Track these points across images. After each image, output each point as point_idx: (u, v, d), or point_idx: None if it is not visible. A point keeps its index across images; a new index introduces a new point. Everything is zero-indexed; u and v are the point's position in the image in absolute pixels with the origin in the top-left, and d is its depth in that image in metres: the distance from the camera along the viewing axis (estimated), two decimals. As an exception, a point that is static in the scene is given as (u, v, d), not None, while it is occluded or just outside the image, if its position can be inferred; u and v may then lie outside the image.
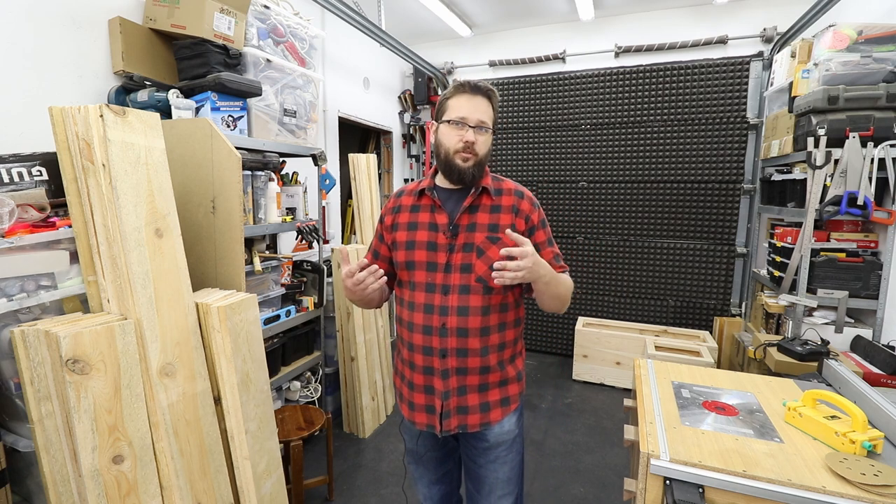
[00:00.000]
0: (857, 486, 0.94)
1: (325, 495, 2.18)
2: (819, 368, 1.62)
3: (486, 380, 1.21)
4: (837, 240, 2.31)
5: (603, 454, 2.56)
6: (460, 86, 1.18)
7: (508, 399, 1.24)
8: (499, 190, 1.23)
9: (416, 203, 1.25)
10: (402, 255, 1.23)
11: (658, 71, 3.56)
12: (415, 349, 1.21)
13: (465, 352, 1.17)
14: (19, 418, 1.32)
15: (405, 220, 1.25)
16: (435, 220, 1.21)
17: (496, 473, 1.26)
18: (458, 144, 1.15)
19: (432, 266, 1.19)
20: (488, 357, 1.19)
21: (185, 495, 1.33)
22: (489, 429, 1.23)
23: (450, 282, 1.17)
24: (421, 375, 1.21)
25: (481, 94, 1.18)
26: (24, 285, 1.29)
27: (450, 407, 1.20)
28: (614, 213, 3.81)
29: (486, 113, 1.17)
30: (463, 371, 1.18)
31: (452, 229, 1.18)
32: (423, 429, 1.24)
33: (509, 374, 1.25)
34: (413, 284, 1.22)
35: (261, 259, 2.12)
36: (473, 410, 1.20)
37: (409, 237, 1.23)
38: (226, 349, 1.43)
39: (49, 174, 1.41)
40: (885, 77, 2.15)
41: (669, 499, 1.01)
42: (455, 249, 1.18)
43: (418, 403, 1.23)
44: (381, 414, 2.86)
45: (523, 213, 1.21)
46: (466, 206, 1.19)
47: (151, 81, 1.96)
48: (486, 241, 1.17)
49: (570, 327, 3.88)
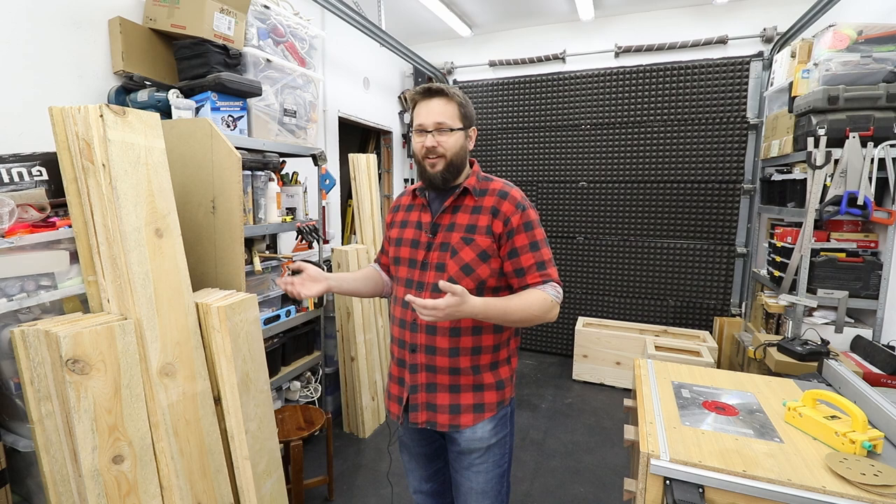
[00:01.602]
0: (857, 486, 0.94)
1: (325, 495, 2.18)
2: (819, 368, 1.62)
3: (457, 381, 1.21)
4: (837, 240, 2.31)
5: (603, 454, 2.56)
6: (415, 93, 1.20)
7: (483, 406, 1.22)
8: (483, 190, 1.22)
9: (412, 202, 1.31)
10: (392, 251, 1.30)
11: (658, 71, 3.56)
12: (393, 340, 1.29)
13: (433, 349, 1.19)
14: (19, 418, 1.32)
15: (400, 218, 1.32)
16: (420, 218, 1.26)
17: (470, 482, 1.26)
18: (421, 151, 1.19)
19: (413, 263, 1.24)
20: (458, 358, 1.19)
21: (185, 495, 1.33)
22: (459, 432, 1.22)
23: (425, 279, 1.20)
24: (395, 366, 1.28)
25: (435, 96, 1.17)
26: (24, 285, 1.29)
27: (417, 401, 1.23)
28: (614, 213, 3.81)
29: (442, 113, 1.16)
30: (432, 368, 1.20)
31: (432, 228, 1.22)
32: (394, 418, 1.29)
33: (485, 380, 1.22)
34: (398, 280, 1.28)
35: (261, 259, 2.12)
36: (443, 410, 1.21)
37: (399, 234, 1.29)
38: (226, 349, 1.43)
39: (49, 174, 1.41)
40: (885, 77, 2.15)
41: (669, 499, 1.01)
42: (432, 248, 1.21)
43: (392, 393, 1.30)
44: (381, 414, 2.86)
45: (503, 214, 1.18)
46: (448, 206, 1.21)
47: (151, 81, 1.96)
48: (461, 242, 1.18)
49: (570, 327, 3.88)
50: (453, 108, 1.18)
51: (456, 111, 1.18)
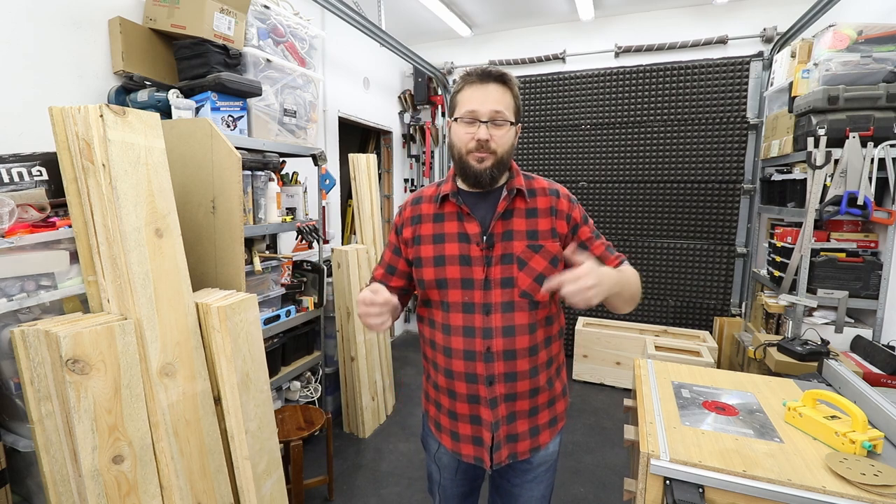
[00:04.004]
0: (857, 486, 0.94)
1: (325, 495, 2.18)
2: (819, 368, 1.62)
3: (535, 402, 1.10)
4: (837, 240, 2.31)
5: (603, 454, 2.56)
6: (467, 75, 1.03)
7: (556, 418, 1.15)
8: (532, 191, 1.09)
9: (440, 211, 1.10)
10: (429, 273, 1.09)
11: (658, 71, 3.56)
12: (455, 376, 1.08)
13: (513, 375, 1.06)
14: (19, 418, 1.32)
15: (429, 231, 1.10)
16: (465, 229, 1.06)
17: (531, 492, 1.18)
18: (469, 143, 1.01)
19: (468, 283, 1.05)
20: (538, 377, 1.09)
21: (185, 495, 1.33)
22: (537, 453, 1.13)
23: (490, 300, 1.04)
24: (465, 405, 1.08)
25: (493, 81, 1.01)
26: (24, 285, 1.29)
27: (500, 438, 1.08)
28: (614, 213, 3.81)
29: (500, 101, 1.01)
30: (512, 397, 1.07)
31: (487, 239, 1.05)
32: (471, 461, 1.12)
33: (557, 390, 1.15)
34: (447, 305, 1.08)
35: (261, 259, 2.12)
36: (523, 437, 1.10)
37: (437, 251, 1.08)
38: (226, 349, 1.43)
39: (49, 174, 1.41)
40: (885, 77, 2.15)
41: (669, 499, 1.01)
42: (493, 262, 1.04)
43: (464, 434, 1.11)
44: (381, 414, 2.86)
45: (563, 213, 1.08)
46: (500, 213, 1.05)
47: (151, 81, 1.96)
48: (527, 251, 1.04)
49: (570, 327, 3.88)
50: (510, 99, 1.03)
51: (512, 103, 1.04)
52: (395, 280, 1.19)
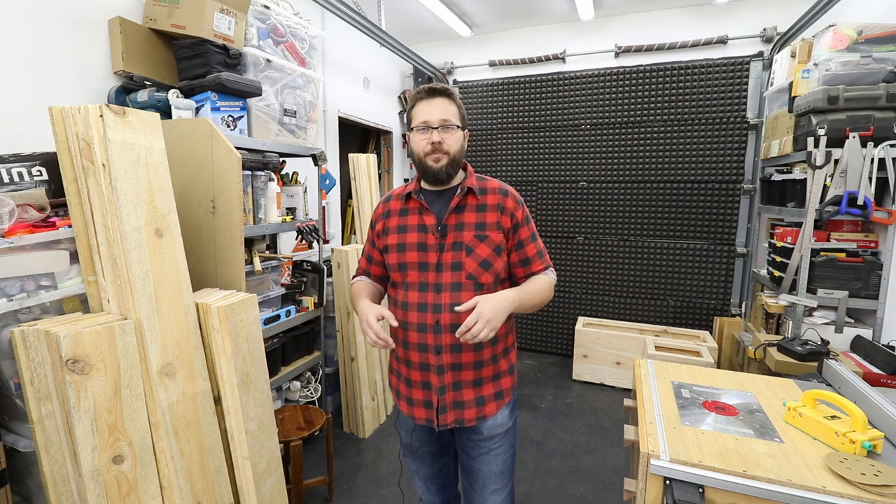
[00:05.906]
0: (857, 486, 0.94)
1: (325, 495, 2.18)
2: (819, 368, 1.62)
3: (480, 374, 1.25)
4: (837, 240, 2.31)
5: (603, 454, 2.56)
6: (417, 93, 1.24)
7: (502, 392, 1.29)
8: (483, 189, 1.27)
9: (405, 207, 1.30)
10: (394, 258, 1.28)
11: (658, 71, 3.56)
12: (410, 346, 1.25)
13: (459, 347, 1.21)
14: (19, 418, 1.32)
15: (395, 223, 1.30)
16: (423, 221, 1.26)
17: (489, 466, 1.31)
18: (426, 147, 1.21)
19: (424, 266, 1.24)
20: (482, 352, 1.24)
21: (185, 495, 1.33)
22: (484, 422, 1.27)
23: (441, 280, 1.22)
24: (418, 372, 1.26)
25: (439, 95, 1.22)
26: (24, 285, 1.29)
27: (446, 402, 1.24)
28: (614, 213, 3.81)
29: (447, 111, 1.21)
30: (458, 366, 1.23)
31: (441, 229, 1.23)
32: (423, 423, 1.28)
33: (502, 367, 1.30)
34: (406, 284, 1.26)
35: (261, 259, 2.12)
36: (469, 405, 1.25)
37: (400, 240, 1.27)
38: (226, 349, 1.43)
39: (49, 174, 1.41)
40: (885, 77, 2.15)
41: (669, 499, 1.01)
42: (445, 249, 1.22)
43: (417, 399, 1.28)
44: (381, 414, 2.86)
45: (508, 210, 1.25)
46: (454, 207, 1.23)
47: (151, 81, 1.96)
48: (475, 239, 1.22)
49: (570, 327, 3.89)
50: (455, 109, 1.24)
51: (457, 112, 1.24)
52: (374, 268, 1.40)
